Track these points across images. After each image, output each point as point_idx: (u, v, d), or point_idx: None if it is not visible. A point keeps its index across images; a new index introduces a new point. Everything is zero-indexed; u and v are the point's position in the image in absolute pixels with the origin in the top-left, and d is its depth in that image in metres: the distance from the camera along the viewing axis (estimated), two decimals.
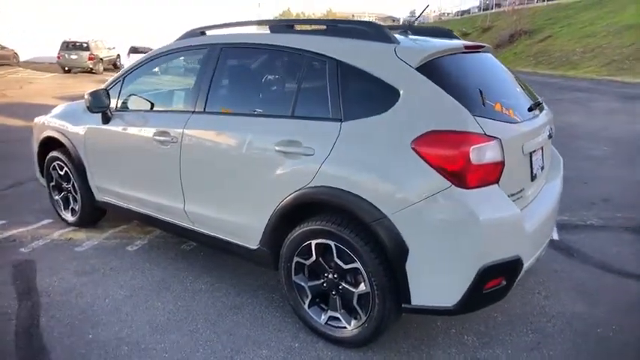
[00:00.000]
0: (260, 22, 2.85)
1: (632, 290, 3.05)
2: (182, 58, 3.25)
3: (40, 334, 2.51)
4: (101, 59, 22.81)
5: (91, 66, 21.87)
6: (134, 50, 23.41)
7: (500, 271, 2.05)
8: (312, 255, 2.37)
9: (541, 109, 2.61)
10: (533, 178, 2.39)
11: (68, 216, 3.95)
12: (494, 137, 2.00)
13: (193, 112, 2.79)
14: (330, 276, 2.35)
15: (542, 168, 2.58)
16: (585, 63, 18.69)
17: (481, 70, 2.47)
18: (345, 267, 2.26)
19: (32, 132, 4.23)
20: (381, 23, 2.72)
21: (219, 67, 2.74)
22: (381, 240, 2.08)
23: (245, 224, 2.63)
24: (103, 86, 3.39)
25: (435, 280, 2.06)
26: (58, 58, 21.90)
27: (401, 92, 2.10)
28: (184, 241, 3.68)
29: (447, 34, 2.87)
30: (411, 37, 2.54)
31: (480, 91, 2.19)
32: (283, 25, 2.63)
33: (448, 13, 53.33)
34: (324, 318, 2.42)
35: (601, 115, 9.61)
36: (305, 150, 2.28)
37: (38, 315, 2.69)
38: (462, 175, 1.95)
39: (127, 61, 22.89)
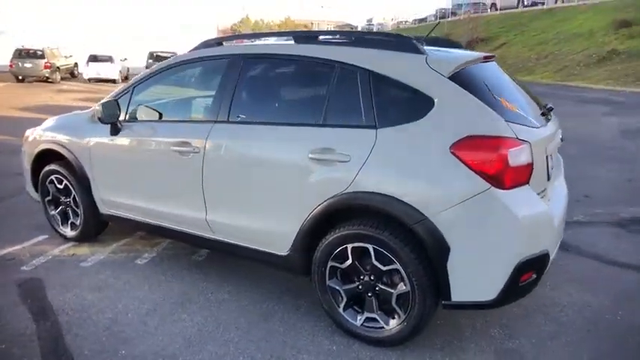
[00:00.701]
0: (281, 34, 2.90)
1: (628, 279, 3.29)
2: (196, 68, 3.24)
3: (70, 353, 2.43)
4: (58, 67, 21.96)
5: (47, 75, 21.00)
6: (153, 56, 21.79)
7: (532, 266, 2.19)
8: (347, 258, 2.43)
9: (551, 115, 2.79)
10: (548, 178, 2.56)
11: (67, 231, 3.82)
12: (526, 141, 2.15)
13: (215, 121, 2.80)
14: (366, 278, 2.42)
15: (552, 168, 2.77)
16: (540, 69, 19.72)
17: (496, 79, 2.62)
18: (384, 269, 2.34)
19: (23, 145, 4.07)
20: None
21: (242, 77, 2.77)
22: (423, 240, 2.18)
23: (274, 231, 2.66)
24: (109, 97, 3.33)
25: (475, 277, 2.18)
26: (11, 66, 20.88)
27: (435, 100, 2.21)
28: (194, 252, 3.65)
29: (456, 44, 3.03)
30: (430, 48, 2.66)
31: (504, 98, 2.34)
32: (308, 37, 2.70)
33: (405, 21, 54.71)
34: (360, 320, 2.49)
35: (565, 118, 10.17)
36: (340, 157, 2.35)
37: (61, 334, 2.60)
38: (500, 177, 2.07)
39: (86, 71, 22.12)
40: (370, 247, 2.34)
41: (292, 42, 2.73)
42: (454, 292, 2.20)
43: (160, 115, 3.19)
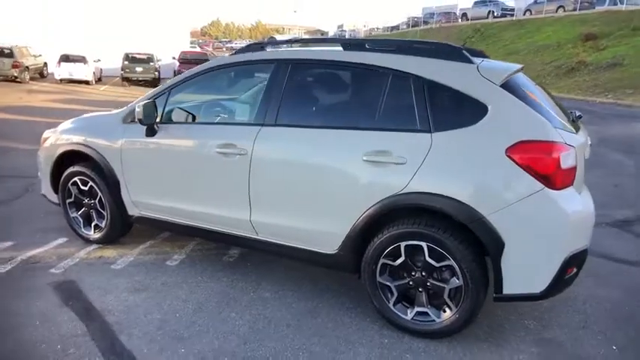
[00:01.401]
0: (324, 40, 3.00)
1: (637, 275, 3.56)
2: (238, 72, 3.30)
3: (129, 351, 2.46)
4: (27, 67, 21.15)
5: (15, 74, 20.19)
6: (129, 58, 21.36)
7: (576, 260, 2.38)
8: (400, 256, 2.56)
9: (580, 123, 3.01)
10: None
11: (90, 233, 3.79)
12: (572, 145, 2.34)
13: (263, 124, 2.88)
14: (418, 274, 2.55)
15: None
16: None
17: (532, 87, 2.81)
18: (437, 265, 2.48)
19: (40, 147, 4.01)
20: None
21: (290, 81, 2.85)
22: (479, 238, 2.33)
23: (323, 231, 2.75)
24: (145, 98, 3.34)
25: (526, 271, 2.34)
26: None
27: (489, 107, 2.38)
28: (224, 254, 3.69)
29: (480, 53, 3.20)
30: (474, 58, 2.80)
31: (545, 105, 2.53)
32: (356, 44, 2.82)
33: (377, 28, 55.61)
34: (410, 314, 2.61)
35: None
36: (396, 159, 2.48)
37: (114, 334, 2.61)
38: (552, 179, 2.25)
39: (58, 71, 21.42)
40: (424, 244, 2.47)
41: (340, 49, 2.84)
42: (506, 286, 2.36)
43: (199, 117, 3.23)
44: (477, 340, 2.62)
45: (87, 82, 21.04)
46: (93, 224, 3.76)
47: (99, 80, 22.22)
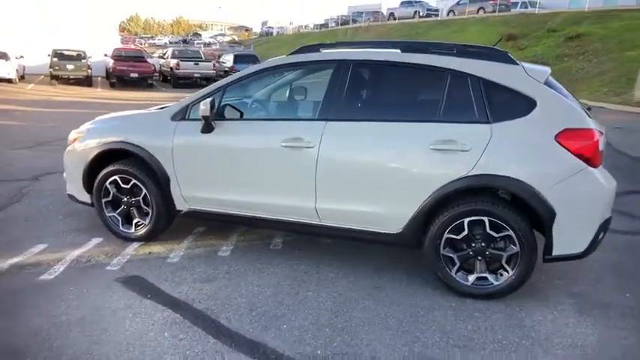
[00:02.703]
0: (380, 44, 3.34)
1: (623, 240, 4.27)
2: (295, 72, 3.51)
3: (237, 332, 2.64)
4: None
5: None
6: (57, 54, 19.52)
7: (606, 225, 2.95)
8: (463, 230, 2.97)
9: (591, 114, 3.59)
10: None
11: (130, 231, 3.81)
12: (602, 132, 2.90)
13: (328, 119, 3.16)
14: (478, 245, 2.99)
15: None
16: None
17: (559, 85, 3.30)
18: (496, 235, 2.93)
19: (70, 147, 3.95)
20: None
21: (352, 80, 3.16)
22: (535, 210, 2.81)
23: (391, 214, 3.10)
24: (202, 96, 3.46)
25: (571, 235, 2.86)
26: None
27: (537, 101, 2.87)
28: (268, 242, 3.90)
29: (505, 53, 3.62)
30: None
31: (572, 100, 3.08)
32: (413, 47, 3.19)
33: (306, 26, 56.25)
34: (471, 280, 3.04)
35: None
36: (462, 147, 2.89)
37: (211, 318, 2.77)
38: (593, 159, 2.79)
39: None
40: (486, 219, 2.91)
41: (398, 51, 3.20)
42: (555, 248, 2.87)
43: (256, 114, 3.42)
44: (525, 298, 3.10)
45: (9, 81, 19.33)
46: (134, 222, 3.79)
47: (22, 78, 20.53)
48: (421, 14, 35.63)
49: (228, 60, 21.96)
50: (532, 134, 2.85)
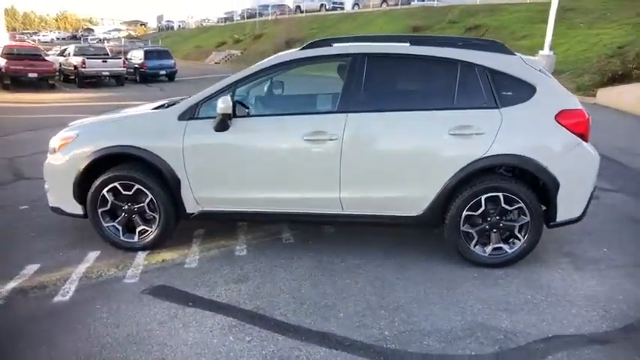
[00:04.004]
0: (391, 38, 3.48)
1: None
2: (307, 66, 3.51)
3: (300, 326, 2.68)
4: None
5: None
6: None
7: (593, 192, 3.42)
8: (481, 207, 3.27)
9: None
10: None
11: (134, 240, 3.59)
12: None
13: (349, 111, 3.25)
14: (493, 218, 3.31)
15: None
16: None
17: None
18: (510, 208, 3.26)
19: (52, 157, 3.59)
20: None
21: (369, 72, 3.28)
22: (544, 183, 3.18)
23: (414, 197, 3.29)
24: (211, 94, 3.35)
25: (571, 202, 3.28)
26: None
27: (537, 87, 3.23)
28: (278, 238, 3.91)
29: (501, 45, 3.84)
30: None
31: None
32: (421, 40, 3.39)
33: (209, 20, 54.58)
34: (488, 251, 3.36)
35: None
36: (477, 131, 3.16)
37: (271, 316, 2.76)
38: (585, 134, 3.22)
39: None
40: (501, 194, 3.23)
41: (407, 44, 3.38)
42: (559, 215, 3.28)
43: (272, 110, 3.41)
44: (530, 262, 3.47)
45: None
46: (138, 230, 3.58)
47: None
48: (327, 7, 36.38)
49: (136, 56, 20.68)
50: (535, 116, 3.21)
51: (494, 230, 3.34)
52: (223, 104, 3.15)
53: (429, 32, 22.60)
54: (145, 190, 3.45)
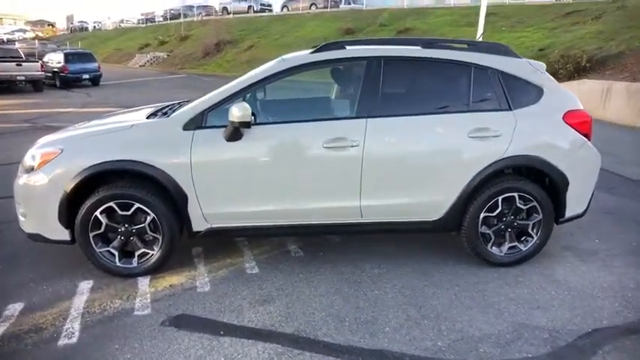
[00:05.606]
0: (401, 41, 3.42)
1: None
2: (319, 70, 3.31)
3: (348, 346, 2.53)
4: None
5: None
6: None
7: (595, 187, 3.62)
8: (497, 208, 3.32)
9: None
10: None
11: (132, 265, 3.22)
12: None
13: (368, 116, 3.15)
14: (508, 218, 3.37)
15: None
16: None
17: None
18: (524, 207, 3.34)
19: (26, 177, 3.11)
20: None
21: (386, 76, 3.20)
22: (555, 181, 3.30)
23: (434, 202, 3.27)
24: (218, 101, 3.08)
25: (578, 198, 3.43)
26: None
27: (544, 89, 3.34)
28: (286, 251, 3.71)
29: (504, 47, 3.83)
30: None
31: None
32: (432, 43, 3.36)
33: (128, 21, 51.63)
34: (503, 250, 3.42)
35: None
36: (494, 133, 3.20)
37: (315, 338, 2.59)
38: (589, 134, 3.39)
39: None
40: (516, 194, 3.30)
41: (419, 47, 3.34)
42: (567, 211, 3.42)
43: (286, 117, 3.21)
44: (538, 257, 3.58)
45: None
46: (138, 253, 3.21)
47: None
48: (255, 9, 35.90)
49: (54, 59, 19.01)
50: (545, 117, 3.32)
51: (509, 230, 3.41)
52: (240, 112, 2.91)
53: (361, 35, 23.11)
54: (146, 209, 3.10)
